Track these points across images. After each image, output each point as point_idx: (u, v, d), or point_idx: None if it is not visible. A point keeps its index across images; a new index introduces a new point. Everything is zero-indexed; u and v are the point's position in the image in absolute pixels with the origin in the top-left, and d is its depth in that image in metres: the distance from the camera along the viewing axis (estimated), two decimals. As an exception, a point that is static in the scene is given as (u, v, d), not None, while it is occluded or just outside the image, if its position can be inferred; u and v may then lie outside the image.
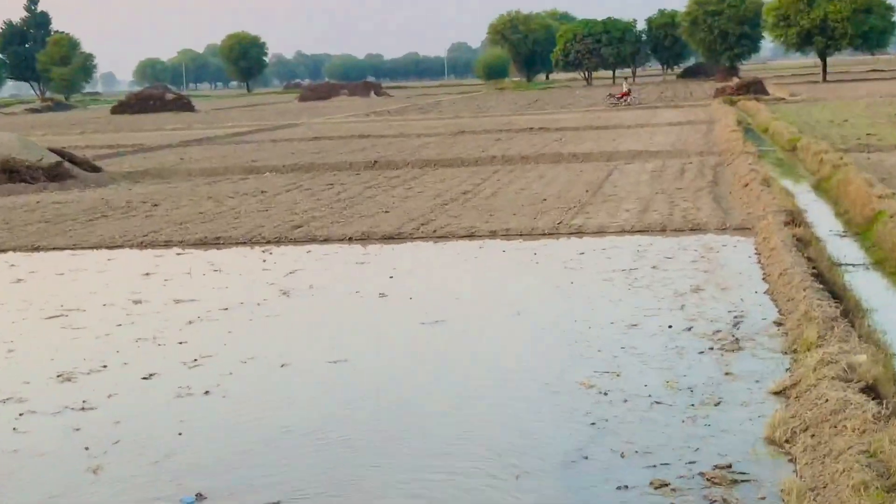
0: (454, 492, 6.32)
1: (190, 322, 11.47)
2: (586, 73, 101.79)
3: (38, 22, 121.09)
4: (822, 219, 16.24)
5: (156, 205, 21.94)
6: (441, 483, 6.47)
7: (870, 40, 70.01)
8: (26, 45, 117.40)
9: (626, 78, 61.46)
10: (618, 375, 8.45)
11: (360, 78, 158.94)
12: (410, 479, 6.60)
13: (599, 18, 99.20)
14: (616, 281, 12.27)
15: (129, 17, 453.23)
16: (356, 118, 57.39)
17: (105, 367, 9.82)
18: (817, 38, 69.77)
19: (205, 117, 68.86)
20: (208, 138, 43.67)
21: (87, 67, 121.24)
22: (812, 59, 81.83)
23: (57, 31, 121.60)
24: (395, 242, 15.77)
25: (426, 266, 14.19)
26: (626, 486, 6.15)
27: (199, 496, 6.37)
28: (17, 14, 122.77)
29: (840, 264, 12.60)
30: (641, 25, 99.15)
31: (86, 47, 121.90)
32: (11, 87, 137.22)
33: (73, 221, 19.78)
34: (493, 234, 15.72)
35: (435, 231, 16.75)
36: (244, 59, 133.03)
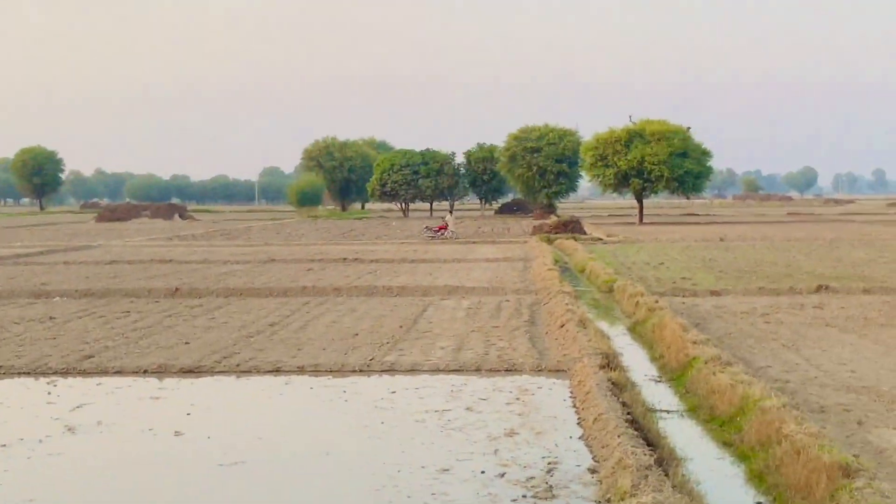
0: None
1: None
2: (403, 204, 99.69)
3: None
4: (638, 363, 16.32)
5: None
6: None
7: (685, 184, 70.00)
8: None
9: (449, 211, 61.39)
10: None
11: (165, 199, 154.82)
12: None
13: (418, 149, 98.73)
14: (428, 422, 12.07)
15: None
16: (158, 242, 54.79)
17: None
18: (634, 180, 69.49)
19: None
20: None
21: None
22: (629, 199, 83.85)
23: None
24: (195, 376, 15.32)
25: (227, 402, 13.71)
26: None
27: None
28: None
29: (655, 410, 12.71)
30: (460, 158, 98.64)
31: None
32: None
33: None
34: (300, 370, 15.15)
35: (238, 365, 15.93)
36: (38, 175, 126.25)
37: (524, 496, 8.92)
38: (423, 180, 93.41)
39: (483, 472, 9.70)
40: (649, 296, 22.61)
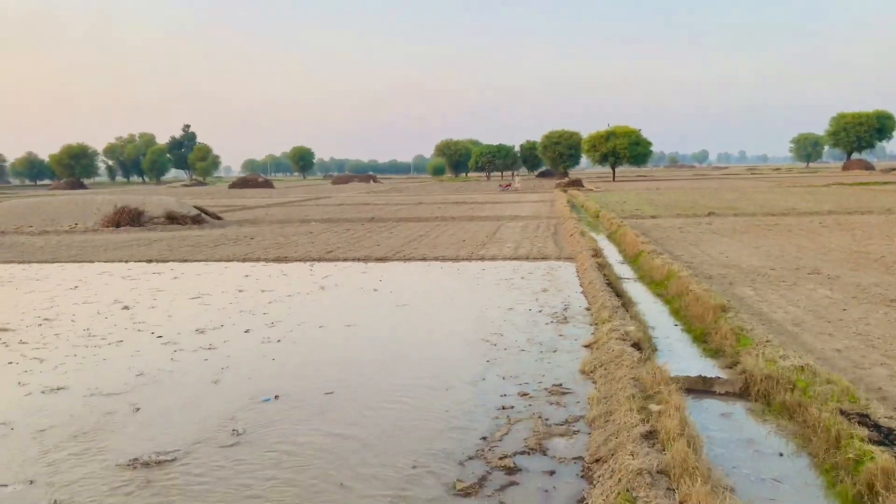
0: (416, 392, 7.19)
1: (270, 302, 12.49)
2: (487, 174, 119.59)
3: (189, 136, 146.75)
4: (611, 254, 17.60)
5: (251, 238, 23.64)
6: (409, 388, 7.39)
7: (638, 159, 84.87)
8: (182, 150, 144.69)
9: (512, 175, 71.26)
10: (501, 335, 9.13)
11: (364, 172, 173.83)
12: (394, 384, 7.51)
13: (495, 144, 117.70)
14: (501, 285, 13.11)
15: (239, 134, 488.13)
16: (362, 195, 59.49)
17: (222, 325, 10.83)
18: (610, 158, 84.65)
19: (279, 192, 71.43)
20: (280, 203, 46.72)
21: (215, 163, 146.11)
22: (607, 168, 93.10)
23: (200, 142, 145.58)
24: (383, 262, 16.80)
25: (399, 274, 14.82)
26: (505, 395, 6.91)
27: (276, 397, 7.10)
28: (177, 132, 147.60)
29: (621, 278, 13.66)
30: (517, 148, 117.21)
31: (216, 151, 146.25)
32: (173, 173, 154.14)
33: (205, 246, 21.44)
34: (436, 258, 16.97)
35: (405, 256, 17.60)
36: (302, 160, 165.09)
37: (551, 322, 9.89)
38: (497, 160, 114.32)
39: (530, 310, 10.61)
40: (617, 218, 25.13)
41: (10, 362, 8.81)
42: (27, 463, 5.68)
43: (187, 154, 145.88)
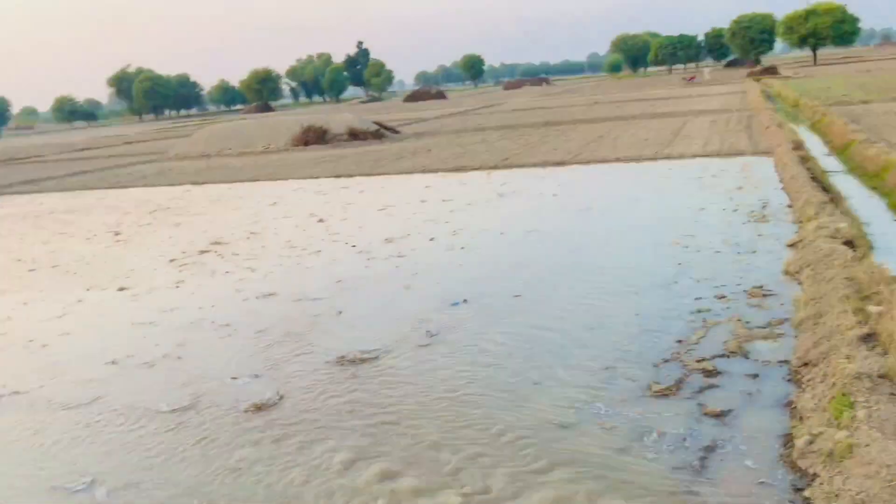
0: (604, 296, 7.16)
1: (451, 211, 13.08)
2: (668, 67, 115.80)
3: (363, 53, 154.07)
4: (815, 146, 16.37)
5: (429, 150, 24.28)
6: (596, 292, 7.37)
7: (843, 39, 79.58)
8: (357, 67, 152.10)
9: (696, 66, 67.44)
10: (693, 237, 8.96)
11: (536, 76, 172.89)
12: (580, 288, 7.62)
13: (675, 34, 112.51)
14: (690, 184, 12.82)
15: (410, 47, 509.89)
16: (535, 98, 59.82)
17: (408, 234, 11.43)
18: (810, 39, 79.84)
19: (452, 102, 72.76)
20: (454, 113, 47.36)
21: (389, 78, 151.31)
22: (806, 52, 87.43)
23: (373, 59, 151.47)
24: (561, 166, 16.72)
25: (579, 179, 14.88)
26: (700, 298, 6.74)
27: (465, 301, 7.40)
28: (351, 50, 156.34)
29: (827, 171, 12.83)
30: (701, 37, 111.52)
31: (389, 66, 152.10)
32: (350, 91, 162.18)
33: (387, 160, 22.30)
34: (617, 160, 16.57)
35: (583, 159, 18.03)
36: (473, 68, 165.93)
37: (749, 221, 9.61)
38: (679, 52, 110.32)
39: (723, 210, 10.31)
40: (821, 106, 22.71)
41: (227, 272, 9.77)
42: (251, 359, 6.33)
43: (362, 71, 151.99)
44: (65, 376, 6.47)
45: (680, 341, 6.08)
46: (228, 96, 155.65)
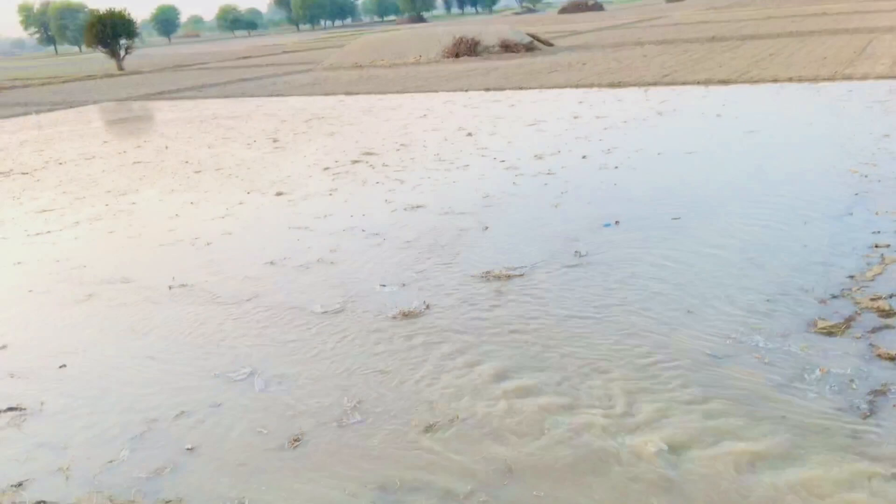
0: (768, 225, 6.98)
1: (605, 128, 12.93)
2: None
3: None
4: None
5: (584, 64, 23.86)
6: (760, 220, 7.16)
7: None
8: None
9: None
10: (874, 166, 8.49)
11: None
12: (741, 216, 7.29)
13: None
14: (874, 108, 12.16)
15: None
16: (700, 12, 56.43)
17: (559, 151, 11.48)
18: None
19: (610, 15, 70.29)
20: (611, 27, 45.85)
21: None
22: None
23: None
24: (725, 85, 16.82)
25: (746, 98, 14.28)
26: (879, 231, 6.44)
27: (616, 222, 7.36)
28: None
29: None
30: None
31: None
32: (503, 2, 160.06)
33: (538, 73, 22.30)
34: (789, 80, 16.34)
35: (751, 78, 17.24)
36: None
37: None
38: None
39: None
40: None
41: (378, 182, 10.01)
42: (398, 268, 6.52)
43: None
44: (226, 273, 6.91)
45: (852, 277, 5.70)
46: (382, 7, 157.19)
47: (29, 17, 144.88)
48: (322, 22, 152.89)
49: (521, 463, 3.73)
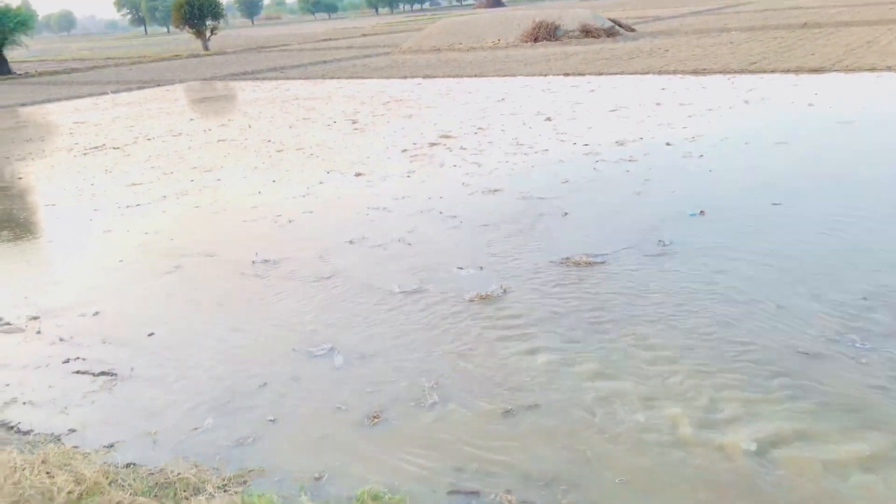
0: (866, 220, 6.78)
1: (689, 116, 12.61)
2: None
3: None
4: None
5: (667, 50, 23.44)
6: (856, 215, 6.91)
7: None
8: None
9: None
10: None
11: None
12: (836, 210, 7.11)
13: None
14: None
15: None
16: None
17: (641, 138, 11.24)
18: None
19: (694, 0, 67.78)
20: (696, 12, 44.84)
21: None
22: None
23: None
24: (818, 73, 16.19)
25: (841, 88, 13.86)
26: None
27: (702, 212, 7.21)
28: None
29: None
30: None
31: None
32: None
33: (619, 59, 21.94)
34: (888, 69, 15.54)
35: (847, 66, 16.51)
36: None
37: None
38: None
39: None
40: None
41: (455, 165, 9.97)
42: (476, 251, 6.48)
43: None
44: (307, 251, 7.01)
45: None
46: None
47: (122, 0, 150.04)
48: (401, 5, 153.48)
49: (602, 453, 3.65)
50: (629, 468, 3.52)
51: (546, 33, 29.44)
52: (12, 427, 4.28)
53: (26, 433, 4.20)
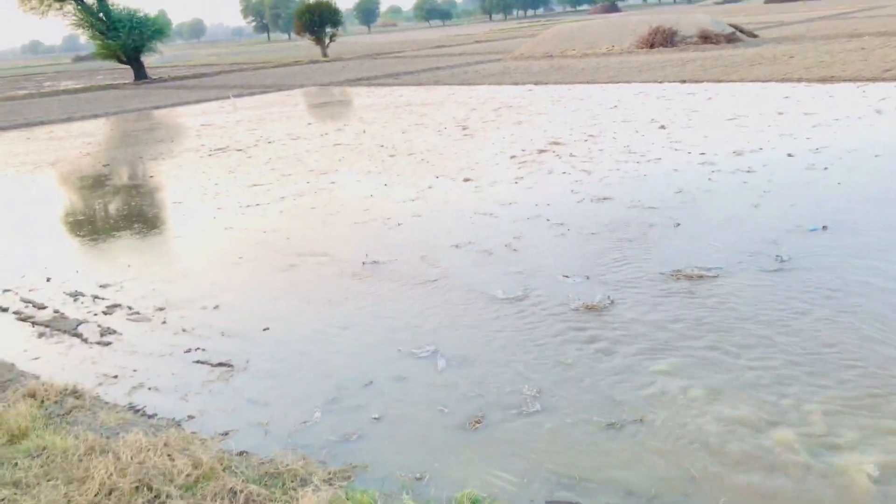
0: None
1: (813, 126, 12.01)
2: None
3: None
4: None
5: (791, 56, 22.43)
6: None
7: None
8: None
9: None
10: None
11: None
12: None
13: None
14: None
15: None
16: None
17: (761, 148, 10.81)
18: None
19: (826, 4, 63.05)
20: (825, 17, 42.63)
21: None
22: None
23: None
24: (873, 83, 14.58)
25: None
26: None
27: (824, 227, 6.86)
28: None
29: None
30: None
31: None
32: None
33: (740, 66, 21.26)
34: None
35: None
36: None
37: None
38: None
39: None
40: None
41: (564, 172, 9.91)
42: (582, 260, 6.42)
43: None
44: (414, 254, 7.13)
45: None
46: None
47: (248, 7, 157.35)
48: (514, 12, 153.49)
49: (708, 473, 3.54)
50: (734, 487, 3.39)
51: (662, 39, 28.76)
52: (139, 410, 4.57)
53: (151, 416, 4.47)
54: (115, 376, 5.03)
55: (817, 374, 4.34)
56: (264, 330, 5.63)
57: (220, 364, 5.11)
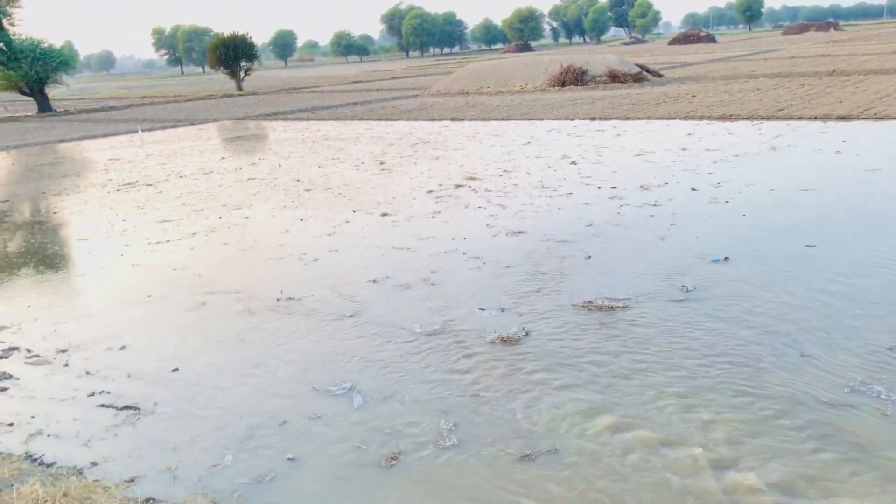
0: (890, 267, 6.71)
1: (715, 161, 12.66)
2: None
3: None
4: None
5: (694, 96, 23.61)
6: (881, 261, 7.05)
7: None
8: (622, 7, 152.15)
9: None
10: None
11: (822, 20, 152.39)
12: (860, 256, 7.11)
13: None
14: None
15: None
16: (818, 46, 54.78)
17: (666, 183, 11.29)
18: None
19: (722, 47, 68.28)
20: (723, 59, 45.10)
21: (655, 18, 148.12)
22: None
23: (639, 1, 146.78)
24: (846, 121, 16.14)
25: (869, 135, 14.00)
26: None
27: (726, 258, 7.19)
28: None
29: None
30: None
31: (656, 6, 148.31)
32: (612, 32, 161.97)
33: (646, 104, 22.15)
34: None
35: (876, 114, 16.50)
36: (749, 10, 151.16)
37: None
38: None
39: None
40: None
41: (480, 207, 10.07)
42: (498, 293, 6.50)
43: (627, 11, 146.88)
44: (331, 289, 7.08)
45: None
46: (490, 35, 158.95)
47: (160, 40, 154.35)
48: (431, 49, 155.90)
49: (619, 497, 3.61)
50: (646, 517, 3.47)
51: (573, 78, 29.74)
52: (36, 459, 4.33)
53: (49, 465, 4.25)
54: (11, 424, 4.76)
55: (722, 401, 4.49)
56: (173, 371, 5.45)
57: (126, 407, 4.91)
